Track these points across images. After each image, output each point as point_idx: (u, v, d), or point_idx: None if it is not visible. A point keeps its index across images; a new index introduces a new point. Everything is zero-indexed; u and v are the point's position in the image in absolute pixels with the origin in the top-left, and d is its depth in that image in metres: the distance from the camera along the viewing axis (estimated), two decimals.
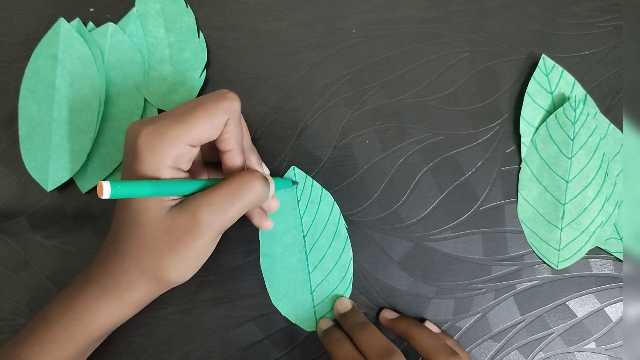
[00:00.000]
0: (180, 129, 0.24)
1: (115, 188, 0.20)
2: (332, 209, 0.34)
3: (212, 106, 0.24)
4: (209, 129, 0.24)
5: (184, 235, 0.24)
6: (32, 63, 0.34)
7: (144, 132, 0.24)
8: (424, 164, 0.36)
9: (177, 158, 0.24)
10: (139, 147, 0.24)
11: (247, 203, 0.26)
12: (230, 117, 0.25)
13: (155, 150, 0.24)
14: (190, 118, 0.24)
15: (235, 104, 0.25)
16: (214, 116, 0.24)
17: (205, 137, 0.25)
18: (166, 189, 0.24)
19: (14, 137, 0.35)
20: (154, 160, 0.24)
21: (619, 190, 0.35)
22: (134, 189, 0.22)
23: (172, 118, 0.24)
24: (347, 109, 0.36)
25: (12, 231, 0.34)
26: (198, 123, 0.24)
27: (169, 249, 0.25)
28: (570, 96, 0.36)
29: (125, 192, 0.21)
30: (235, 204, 0.25)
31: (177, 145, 0.24)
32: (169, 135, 0.24)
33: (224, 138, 0.26)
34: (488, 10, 0.37)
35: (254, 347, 0.34)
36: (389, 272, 0.35)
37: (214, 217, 0.24)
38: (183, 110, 0.25)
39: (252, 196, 0.26)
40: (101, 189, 0.20)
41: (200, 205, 0.24)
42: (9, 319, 0.33)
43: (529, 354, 0.34)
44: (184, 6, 0.35)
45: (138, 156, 0.24)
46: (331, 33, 0.36)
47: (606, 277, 0.35)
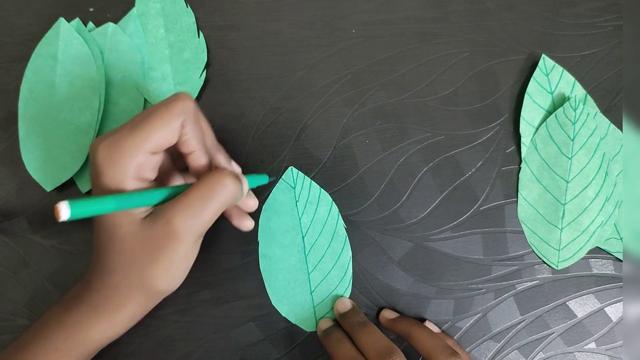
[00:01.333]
0: (137, 137, 0.23)
1: (75, 207, 0.19)
2: (331, 209, 0.34)
3: (165, 110, 0.24)
4: (166, 133, 0.24)
5: (163, 244, 0.24)
6: (32, 63, 0.34)
7: (102, 147, 0.23)
8: (424, 164, 0.36)
9: (139, 168, 0.24)
10: (99, 162, 0.23)
11: (221, 202, 0.25)
12: (186, 118, 0.25)
13: (115, 162, 0.23)
14: (145, 125, 0.24)
15: (188, 104, 0.25)
16: (169, 119, 0.24)
17: (165, 142, 0.24)
18: (131, 201, 0.23)
19: (14, 137, 0.35)
20: (115, 173, 0.23)
21: (619, 190, 0.35)
22: (95, 206, 0.21)
23: (127, 128, 0.24)
24: (347, 109, 0.36)
25: (11, 231, 0.34)
26: (154, 128, 0.24)
27: (151, 260, 0.24)
28: (570, 96, 0.36)
29: (86, 210, 0.20)
30: (208, 205, 0.24)
31: (137, 154, 0.23)
32: (126, 145, 0.23)
33: (184, 140, 0.25)
34: (488, 10, 0.37)
35: (254, 348, 0.34)
36: (389, 272, 0.35)
37: (189, 222, 0.24)
38: (138, 119, 0.24)
39: (224, 195, 0.25)
40: (58, 211, 0.19)
41: (173, 211, 0.24)
42: (8, 320, 0.33)
43: (529, 354, 0.34)
44: (184, 6, 0.36)
45: (100, 172, 0.23)
46: (331, 33, 0.36)
47: (606, 277, 0.35)
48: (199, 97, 0.35)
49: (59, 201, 0.19)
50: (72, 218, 0.19)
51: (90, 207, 0.20)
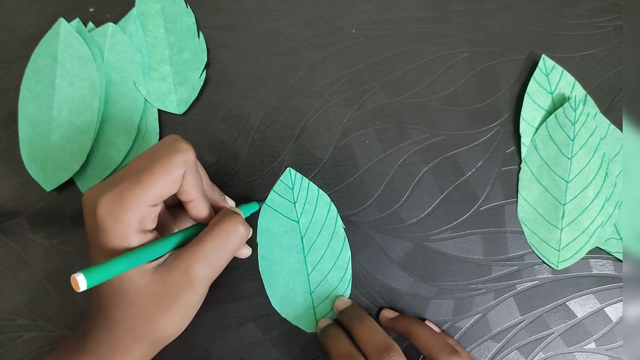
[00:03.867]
0: (139, 191, 0.23)
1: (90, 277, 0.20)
2: (329, 210, 0.34)
3: (167, 162, 0.24)
4: (167, 185, 0.24)
5: (178, 294, 0.24)
6: (32, 63, 0.34)
7: (103, 201, 0.23)
8: (424, 164, 0.36)
9: (142, 221, 0.23)
10: (101, 218, 0.23)
11: (235, 248, 0.26)
12: (187, 169, 0.24)
13: (118, 218, 0.23)
14: (147, 178, 0.23)
15: (189, 155, 0.24)
16: (170, 172, 0.24)
17: (166, 194, 0.24)
18: (142, 257, 0.23)
19: (13, 137, 0.35)
20: (119, 229, 0.23)
21: (619, 191, 0.35)
22: (109, 270, 0.21)
23: (128, 181, 0.23)
24: (347, 109, 0.36)
25: (11, 231, 0.34)
26: (156, 182, 0.23)
27: (163, 310, 0.24)
28: (570, 96, 0.36)
29: (102, 277, 0.20)
30: (224, 253, 0.25)
31: (139, 208, 0.23)
32: (128, 199, 0.23)
33: (184, 190, 0.25)
34: (488, 10, 0.37)
35: (254, 348, 0.34)
36: (389, 273, 0.35)
37: (207, 271, 0.24)
38: (138, 170, 0.24)
39: (239, 241, 0.26)
40: (76, 283, 0.19)
41: (192, 261, 0.24)
42: (7, 319, 0.33)
43: (529, 354, 0.34)
44: (183, 6, 0.36)
45: (102, 228, 0.23)
46: (331, 33, 0.36)
47: (606, 277, 0.35)
48: (199, 97, 0.35)
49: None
50: (89, 286, 0.20)
51: (104, 273, 0.21)
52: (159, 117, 0.35)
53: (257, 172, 0.35)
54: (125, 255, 0.22)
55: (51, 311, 0.33)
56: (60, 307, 0.33)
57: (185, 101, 0.35)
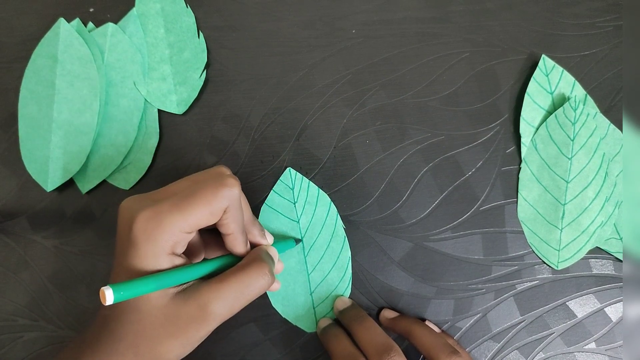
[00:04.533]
0: (179, 217, 0.23)
1: (119, 293, 0.20)
2: (329, 210, 0.34)
3: (211, 194, 0.24)
4: (207, 216, 0.24)
5: (188, 325, 0.24)
6: (32, 63, 0.34)
7: (141, 218, 0.23)
8: (424, 164, 0.36)
9: (175, 245, 0.23)
10: (136, 235, 0.23)
11: (255, 296, 0.25)
12: (230, 204, 0.24)
13: (153, 238, 0.23)
14: (188, 206, 0.23)
15: (235, 191, 0.24)
16: (213, 204, 0.23)
17: (204, 224, 0.24)
18: (169, 280, 0.23)
19: (14, 137, 0.35)
20: (151, 249, 0.23)
21: (619, 191, 0.35)
22: (137, 288, 0.21)
23: (169, 203, 0.23)
24: (347, 109, 0.36)
25: (12, 232, 0.34)
26: (197, 211, 0.23)
27: (169, 336, 0.24)
28: (570, 96, 0.36)
29: (129, 294, 0.20)
30: (244, 298, 0.25)
31: (175, 233, 0.23)
32: (166, 222, 0.23)
33: (224, 223, 0.25)
34: (488, 10, 0.37)
35: (254, 348, 0.34)
36: (389, 273, 0.35)
37: (223, 311, 0.24)
38: (181, 196, 0.24)
39: (260, 288, 0.25)
40: (104, 297, 0.19)
41: (210, 298, 0.24)
42: (9, 320, 0.33)
43: (529, 354, 0.34)
44: (183, 6, 0.35)
45: (135, 245, 0.23)
46: (331, 33, 0.36)
47: (606, 277, 0.35)
48: (199, 97, 0.35)
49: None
50: (116, 301, 0.20)
51: (132, 291, 0.21)
52: (159, 117, 0.35)
53: (257, 172, 0.35)
54: (155, 277, 0.22)
55: (52, 311, 0.33)
56: (61, 307, 0.33)
57: (185, 101, 0.35)
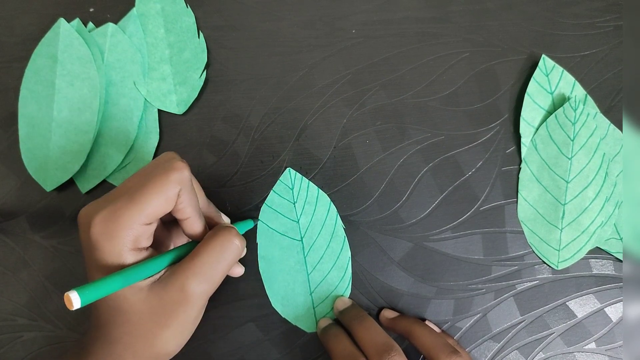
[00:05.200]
0: (133, 210, 0.23)
1: (84, 295, 0.19)
2: (329, 210, 0.34)
3: (162, 180, 0.23)
4: (162, 204, 0.23)
5: (175, 310, 0.24)
6: (32, 63, 0.34)
7: (97, 220, 0.23)
8: (424, 164, 0.36)
9: (137, 239, 0.23)
10: (95, 236, 0.23)
11: (231, 262, 0.25)
12: (182, 188, 0.24)
13: (112, 237, 0.22)
14: (141, 196, 0.23)
15: (185, 173, 0.24)
16: (165, 190, 0.23)
17: (160, 212, 0.24)
18: (136, 275, 0.22)
19: (13, 137, 0.35)
20: (113, 247, 0.23)
21: (619, 191, 0.35)
22: (103, 288, 0.21)
23: (122, 199, 0.23)
24: (347, 109, 0.36)
25: (11, 231, 0.34)
26: (150, 200, 0.23)
27: (160, 327, 0.24)
28: (570, 96, 0.36)
29: (95, 295, 0.20)
30: (220, 267, 0.25)
31: (134, 226, 0.23)
32: (123, 218, 0.22)
33: (179, 208, 0.25)
34: (488, 10, 0.37)
35: (254, 348, 0.34)
36: (389, 273, 0.35)
37: (202, 286, 0.24)
38: (132, 189, 0.23)
39: (233, 254, 0.25)
40: (70, 301, 0.19)
41: (186, 277, 0.24)
42: (8, 319, 0.33)
43: (529, 354, 0.34)
44: (183, 6, 0.36)
45: (96, 246, 0.23)
46: (331, 33, 0.36)
47: (606, 277, 0.35)
48: (199, 97, 0.35)
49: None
50: (83, 304, 0.19)
51: (98, 291, 0.20)
52: (159, 117, 0.35)
53: (257, 172, 0.35)
54: (119, 273, 0.22)
55: (51, 311, 0.33)
56: (60, 307, 0.33)
57: (185, 101, 0.35)
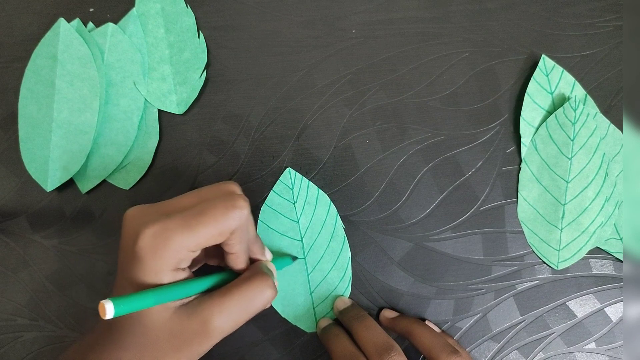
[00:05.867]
0: (186, 235, 0.22)
1: (119, 307, 0.20)
2: (329, 210, 0.34)
3: (221, 215, 0.23)
4: (215, 236, 0.23)
5: (192, 340, 0.24)
6: (32, 63, 0.34)
7: (147, 233, 0.22)
8: (424, 164, 0.36)
9: (179, 262, 0.23)
10: (141, 250, 0.22)
11: (259, 309, 0.25)
12: (239, 226, 0.24)
13: (159, 255, 0.22)
14: (197, 225, 0.23)
15: (244, 213, 0.24)
16: (222, 227, 0.23)
17: (211, 244, 0.24)
18: (170, 295, 0.23)
19: (13, 137, 0.35)
20: (156, 265, 0.23)
21: (619, 191, 0.35)
22: (137, 303, 0.21)
23: (177, 221, 0.23)
24: (347, 109, 0.36)
25: (11, 231, 0.34)
26: (205, 231, 0.23)
27: (173, 350, 0.24)
28: (570, 96, 0.36)
29: (129, 308, 0.20)
30: (247, 312, 0.25)
31: (182, 251, 0.23)
32: (174, 241, 0.22)
33: (230, 243, 0.25)
34: (488, 10, 0.37)
35: (254, 348, 0.34)
36: (389, 273, 0.35)
37: (225, 325, 0.24)
38: (190, 213, 0.23)
39: (263, 303, 0.25)
40: (104, 310, 0.19)
41: (212, 313, 0.23)
42: (8, 319, 0.33)
43: (529, 354, 0.34)
44: (184, 6, 0.36)
45: (139, 260, 0.23)
46: (331, 33, 0.36)
47: (606, 278, 0.35)
48: (199, 97, 0.35)
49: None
50: (116, 315, 0.20)
51: (132, 305, 0.20)
52: (159, 117, 0.35)
53: (257, 172, 0.35)
54: (155, 291, 0.22)
55: (52, 311, 0.33)
56: (60, 307, 0.33)
57: (185, 101, 0.35)
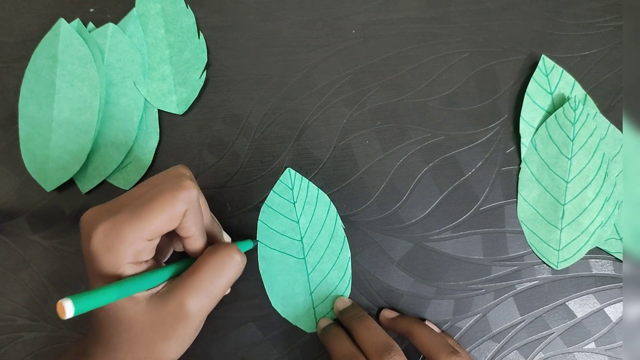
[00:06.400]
0: (137, 225, 0.22)
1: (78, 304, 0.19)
2: (329, 210, 0.34)
3: (169, 198, 0.23)
4: (167, 222, 0.23)
5: (175, 325, 0.23)
6: (32, 63, 0.34)
7: (98, 231, 0.22)
8: (424, 164, 0.36)
9: (138, 253, 0.23)
10: (95, 248, 0.22)
11: (231, 278, 0.25)
12: (189, 207, 0.23)
13: (113, 249, 0.22)
14: (146, 213, 0.22)
15: (193, 193, 0.24)
16: (171, 210, 0.23)
17: (164, 230, 0.23)
18: (133, 287, 0.22)
19: (14, 137, 0.35)
20: (112, 259, 0.22)
21: (618, 191, 0.35)
22: (98, 298, 0.20)
23: (127, 212, 0.22)
24: (347, 109, 0.36)
25: (11, 231, 0.34)
26: (155, 218, 0.22)
27: (161, 339, 0.24)
28: (570, 96, 0.36)
29: (90, 305, 0.20)
30: (220, 283, 0.24)
31: (135, 242, 0.22)
32: (125, 233, 0.22)
33: (184, 226, 0.24)
34: (488, 10, 0.37)
35: (254, 348, 0.34)
36: (388, 273, 0.35)
37: (202, 302, 0.24)
38: (138, 203, 0.23)
39: (234, 270, 0.25)
40: (62, 310, 0.18)
41: (186, 293, 0.23)
42: (8, 320, 0.33)
43: (529, 354, 0.34)
44: (184, 6, 0.36)
45: (95, 257, 0.22)
46: (331, 33, 0.36)
47: (606, 278, 0.35)
48: (199, 98, 0.35)
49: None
50: (76, 314, 0.19)
51: (92, 301, 0.20)
52: (159, 117, 0.35)
53: (257, 173, 0.35)
54: (115, 285, 0.21)
55: (51, 311, 0.33)
56: None
57: (185, 101, 0.35)
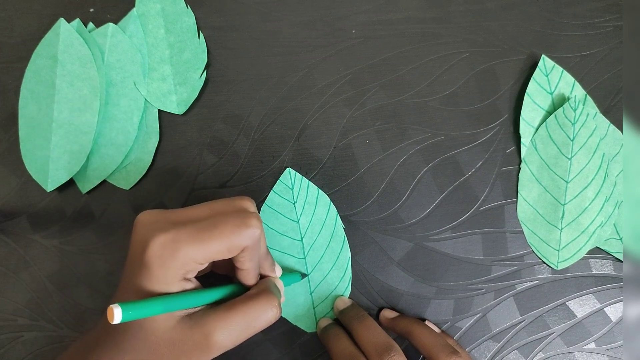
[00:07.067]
0: (195, 247, 0.22)
1: (127, 313, 0.20)
2: (329, 210, 0.34)
3: (232, 231, 0.23)
4: (224, 252, 0.23)
5: (192, 351, 0.23)
6: (32, 63, 0.34)
7: (156, 242, 0.22)
8: (424, 164, 0.36)
9: (188, 272, 0.23)
10: (149, 258, 0.22)
11: (261, 328, 0.25)
12: (250, 244, 0.24)
13: (167, 266, 0.22)
14: (207, 239, 0.23)
15: (257, 233, 0.24)
16: (232, 244, 0.23)
17: (219, 258, 0.24)
18: (176, 304, 0.23)
19: (14, 137, 0.35)
20: (164, 275, 0.23)
21: (618, 191, 0.35)
22: (146, 310, 0.21)
23: (187, 232, 0.23)
24: (347, 109, 0.36)
25: (12, 231, 0.34)
26: (215, 246, 0.23)
27: (172, 359, 0.24)
28: (570, 96, 0.36)
29: (136, 315, 0.20)
30: (250, 330, 0.24)
31: (190, 263, 0.23)
32: (183, 252, 0.22)
33: (240, 260, 0.25)
34: (488, 10, 0.37)
35: (254, 348, 0.34)
36: (388, 273, 0.35)
37: (227, 341, 0.24)
38: (200, 226, 0.23)
39: (267, 321, 0.25)
40: (112, 315, 0.19)
41: (215, 327, 0.23)
42: (9, 319, 0.33)
43: (529, 354, 0.34)
44: (184, 7, 0.36)
45: (147, 268, 0.23)
46: (331, 33, 0.36)
47: (606, 277, 0.35)
48: (199, 98, 0.35)
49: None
50: (123, 321, 0.20)
51: (140, 312, 0.21)
52: (159, 117, 0.35)
53: (257, 172, 0.35)
54: (163, 299, 0.22)
55: (52, 311, 0.33)
56: (61, 307, 0.33)
57: (185, 101, 0.35)
